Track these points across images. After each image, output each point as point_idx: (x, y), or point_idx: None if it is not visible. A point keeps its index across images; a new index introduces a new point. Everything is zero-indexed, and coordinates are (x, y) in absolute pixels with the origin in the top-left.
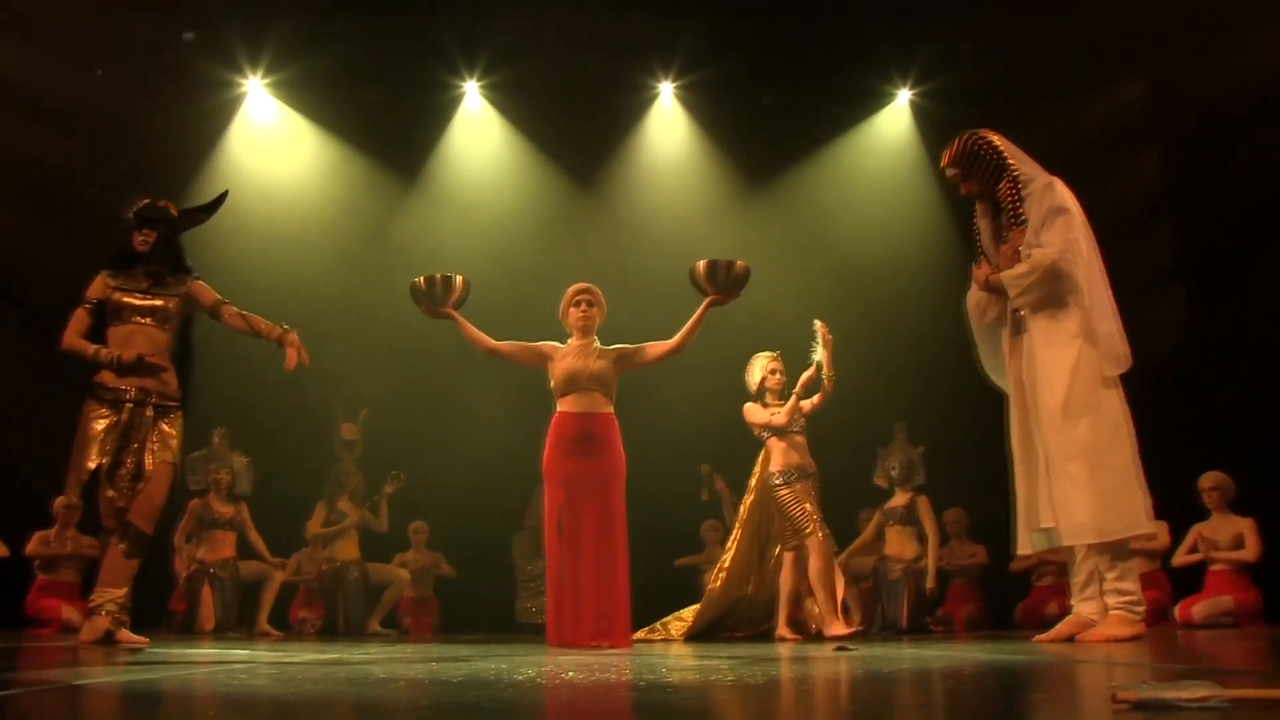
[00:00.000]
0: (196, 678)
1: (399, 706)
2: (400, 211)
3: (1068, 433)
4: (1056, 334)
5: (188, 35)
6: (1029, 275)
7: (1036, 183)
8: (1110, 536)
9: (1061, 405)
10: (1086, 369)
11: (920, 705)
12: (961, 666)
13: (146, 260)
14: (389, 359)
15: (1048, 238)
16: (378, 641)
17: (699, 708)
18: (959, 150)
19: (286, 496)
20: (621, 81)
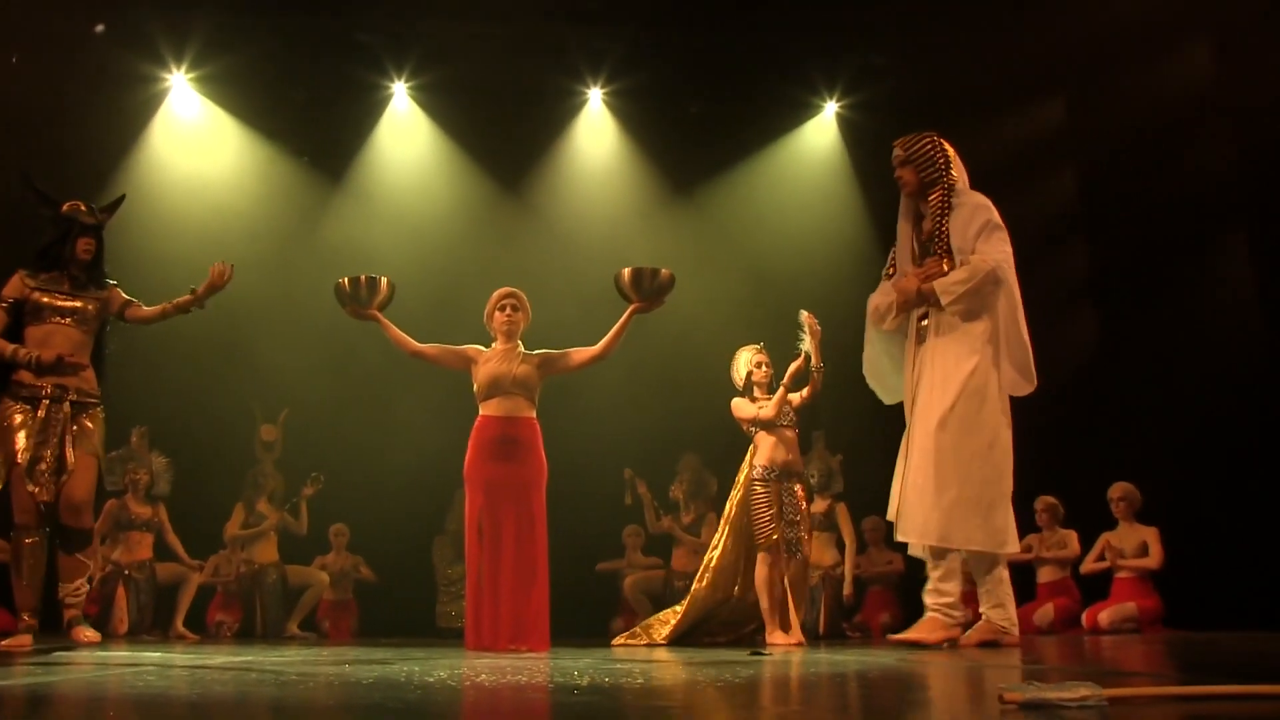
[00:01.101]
0: (107, 680)
1: (307, 706)
2: (326, 211)
3: (938, 437)
4: (961, 345)
5: (99, 27)
6: (967, 282)
7: (967, 198)
8: (948, 544)
9: (942, 410)
10: (980, 382)
11: (816, 706)
12: (868, 670)
13: (88, 267)
14: (310, 360)
15: (985, 248)
16: (295, 644)
17: (606, 709)
18: (916, 142)
19: (205, 497)
20: (551, 86)
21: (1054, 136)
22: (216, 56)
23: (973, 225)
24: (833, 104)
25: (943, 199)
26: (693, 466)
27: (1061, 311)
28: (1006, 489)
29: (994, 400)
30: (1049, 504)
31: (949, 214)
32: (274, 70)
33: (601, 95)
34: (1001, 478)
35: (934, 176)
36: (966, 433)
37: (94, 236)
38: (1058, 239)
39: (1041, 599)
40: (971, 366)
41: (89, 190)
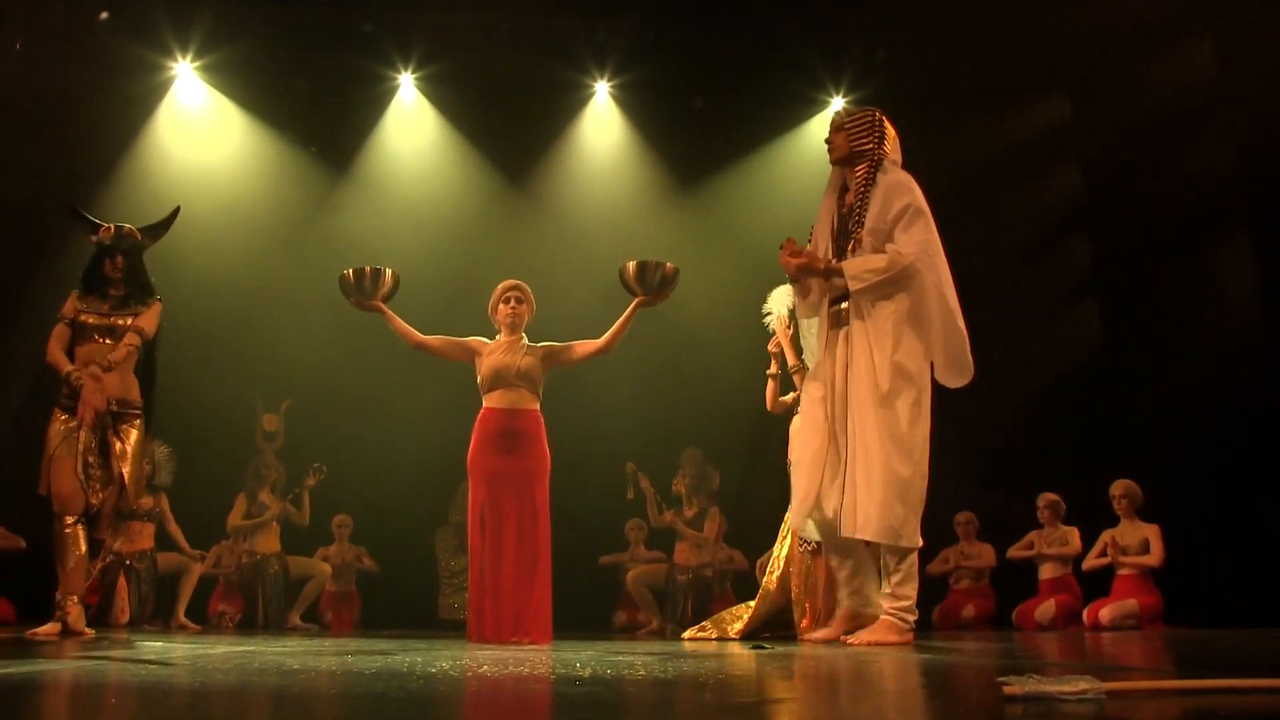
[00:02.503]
0: (108, 669)
1: (308, 695)
2: (331, 202)
3: (880, 431)
4: (887, 334)
5: (103, 15)
6: (883, 272)
7: (893, 174)
8: (902, 541)
9: (881, 404)
10: (911, 366)
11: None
12: (866, 664)
13: (117, 285)
14: (313, 350)
15: (905, 238)
16: (297, 635)
17: (607, 700)
18: (856, 112)
19: (207, 488)
20: (557, 79)
21: (1057, 132)
22: (222, 45)
23: (892, 206)
24: (838, 99)
25: (868, 172)
26: (695, 461)
27: (1063, 307)
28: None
29: (925, 383)
30: (1051, 501)
31: (872, 188)
32: (280, 60)
33: (608, 88)
34: (924, 466)
35: (865, 147)
36: (908, 420)
37: (124, 255)
38: (1059, 235)
39: (1043, 595)
40: (899, 348)
41: (94, 180)
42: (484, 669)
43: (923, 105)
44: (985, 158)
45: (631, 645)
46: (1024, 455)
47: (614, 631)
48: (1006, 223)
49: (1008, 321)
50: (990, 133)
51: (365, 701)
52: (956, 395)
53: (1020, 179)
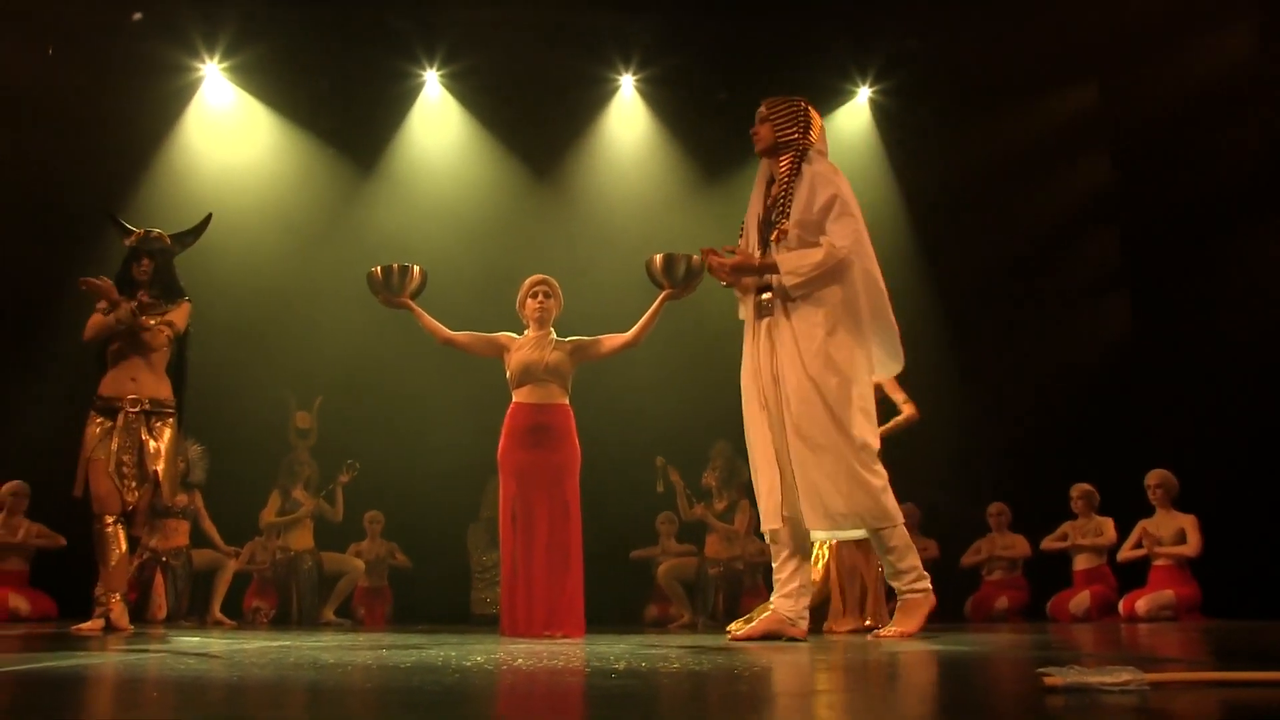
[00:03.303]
0: (147, 663)
1: (345, 689)
2: (359, 200)
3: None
4: (815, 325)
5: (136, 16)
6: (820, 266)
7: (818, 165)
8: (882, 523)
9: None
10: (846, 354)
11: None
12: (900, 656)
13: (145, 288)
14: (345, 347)
15: (836, 229)
16: (331, 631)
17: (642, 693)
18: (781, 102)
19: (241, 485)
20: (582, 73)
21: (1087, 120)
22: (249, 46)
23: (818, 198)
24: (865, 89)
25: (793, 162)
26: (725, 454)
27: (1095, 297)
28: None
29: (855, 374)
30: (1084, 491)
31: (796, 179)
32: (306, 59)
33: (633, 82)
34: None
35: (790, 137)
36: (841, 406)
37: (152, 259)
38: (1090, 224)
39: (1078, 586)
40: (828, 338)
41: (125, 182)
42: (519, 662)
43: (951, 95)
44: (1014, 147)
45: (665, 639)
46: (1057, 446)
47: (645, 625)
48: (1037, 212)
49: (1039, 312)
50: (1019, 122)
51: (401, 695)
52: (987, 386)
53: (1050, 168)
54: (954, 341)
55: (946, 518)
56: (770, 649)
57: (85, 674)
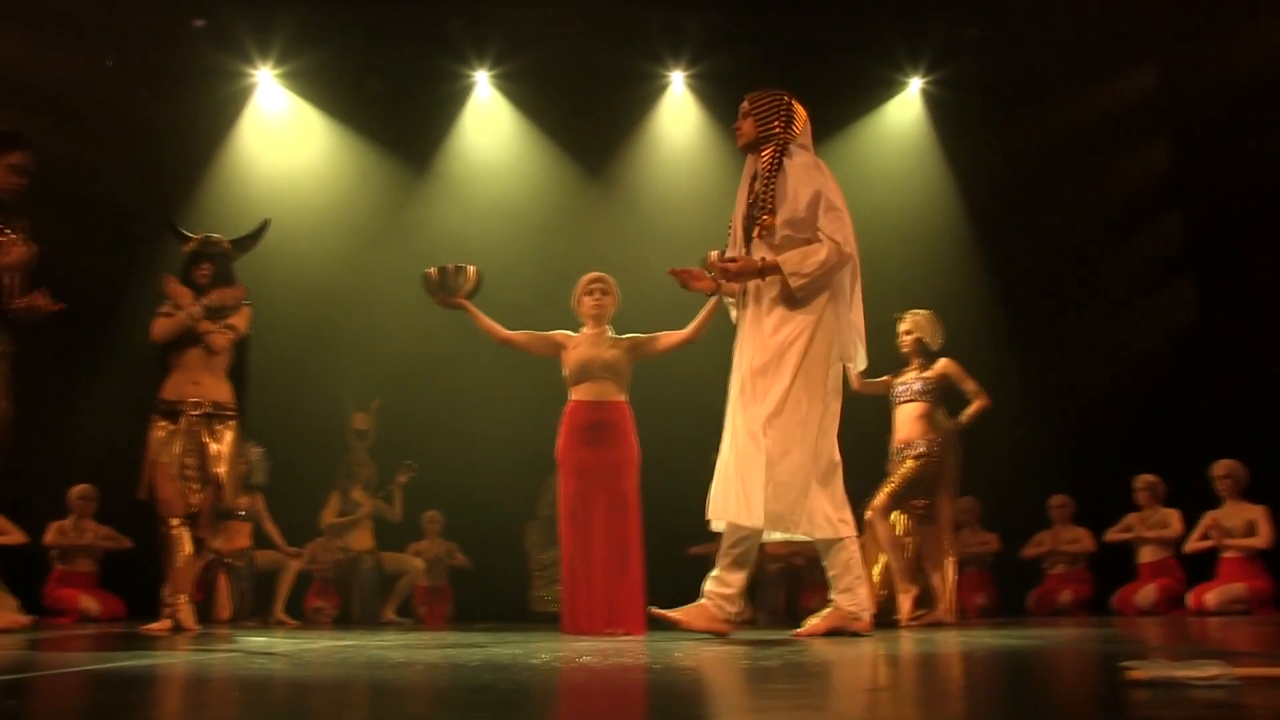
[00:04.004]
0: (223, 664)
1: (417, 688)
2: (412, 201)
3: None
4: (789, 319)
5: (198, 22)
6: (824, 264)
7: (800, 157)
8: (794, 529)
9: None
10: (816, 363)
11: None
12: (973, 650)
13: (205, 292)
14: (401, 348)
15: (831, 227)
16: (393, 630)
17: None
18: (763, 96)
19: (301, 487)
20: (632, 70)
21: (1147, 104)
22: (301, 51)
23: (803, 194)
24: (917, 80)
25: (774, 156)
26: None
27: (1157, 285)
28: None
29: (827, 376)
30: (1149, 482)
31: (778, 174)
32: (357, 63)
33: (683, 78)
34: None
35: (772, 131)
36: (807, 409)
37: (211, 263)
38: (1152, 211)
39: (1143, 579)
40: (803, 329)
41: (182, 188)
42: (585, 659)
43: (1005, 83)
44: (1071, 134)
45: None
46: (1120, 436)
47: None
48: (1096, 200)
49: (1100, 300)
50: (1076, 108)
51: (476, 693)
52: (1048, 377)
53: (1109, 154)
54: (1013, 333)
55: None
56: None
57: (163, 673)
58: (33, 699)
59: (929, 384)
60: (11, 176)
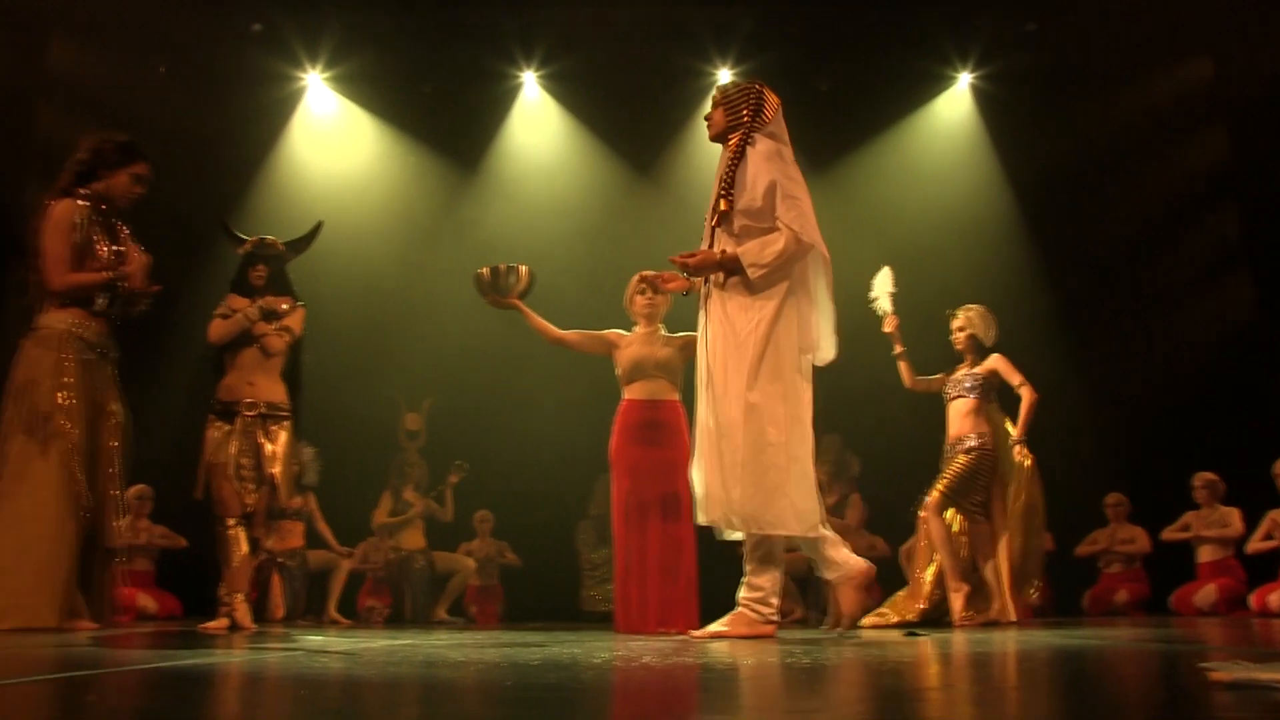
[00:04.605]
0: (283, 662)
1: (482, 687)
2: (461, 202)
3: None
4: (749, 309)
5: (256, 26)
6: (781, 255)
7: (762, 145)
8: (767, 529)
9: (744, 384)
10: (780, 352)
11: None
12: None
13: (261, 294)
14: (452, 349)
15: (794, 214)
16: (445, 629)
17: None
18: (735, 86)
19: (353, 487)
20: (679, 68)
21: (1201, 97)
22: (350, 55)
23: (761, 180)
24: (966, 75)
25: (739, 145)
26: (834, 447)
27: (1214, 278)
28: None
29: (794, 370)
30: (1208, 480)
31: (740, 162)
32: (405, 65)
33: (731, 75)
34: (808, 455)
35: (741, 120)
36: (777, 406)
37: (266, 265)
38: (1208, 203)
39: (1203, 579)
40: (763, 319)
41: (235, 192)
42: (645, 659)
43: (1055, 76)
44: (1124, 126)
45: (786, 634)
46: (1177, 433)
47: None
48: (1150, 192)
49: (1156, 294)
50: (1129, 100)
51: (544, 692)
52: (1103, 373)
53: (1163, 146)
54: (1067, 328)
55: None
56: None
57: (230, 671)
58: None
59: (979, 380)
60: (135, 187)
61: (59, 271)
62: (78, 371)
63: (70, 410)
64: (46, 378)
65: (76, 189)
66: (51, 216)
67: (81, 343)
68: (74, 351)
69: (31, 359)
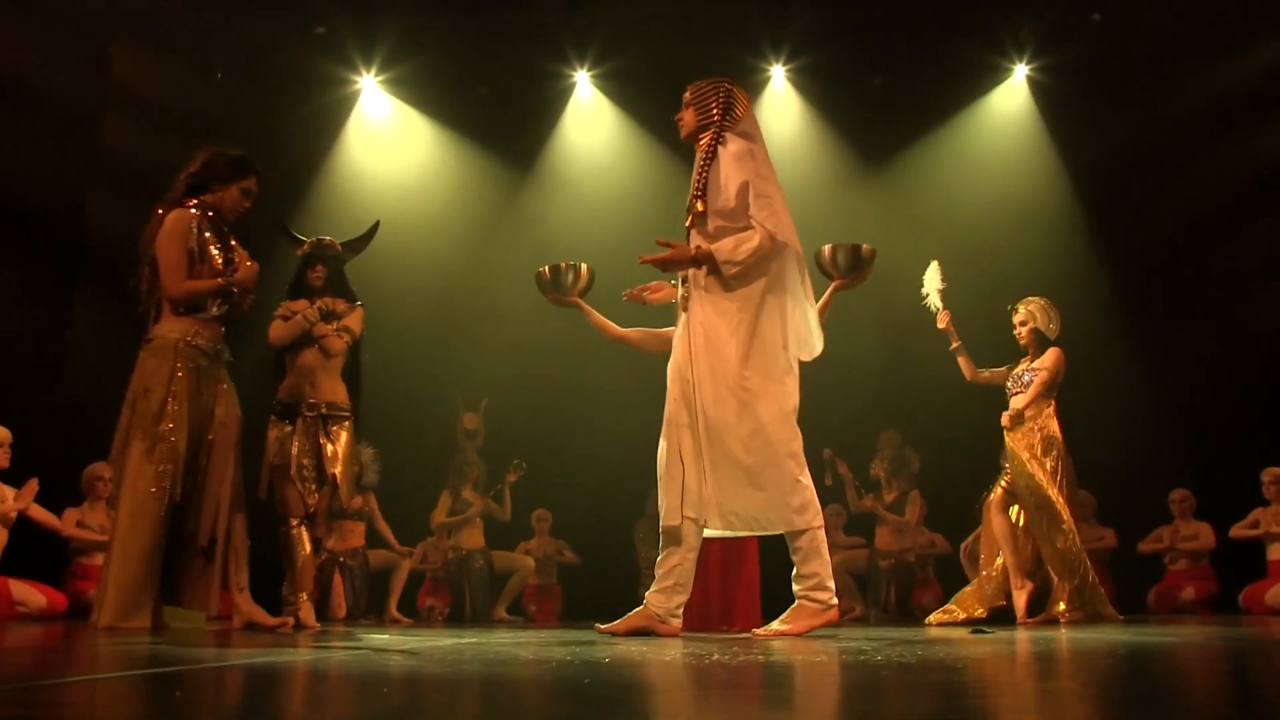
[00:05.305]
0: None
1: (561, 685)
2: (519, 201)
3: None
4: (729, 313)
5: (319, 29)
6: (755, 253)
7: (734, 145)
8: (772, 529)
9: (733, 383)
10: (767, 350)
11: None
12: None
13: (320, 294)
14: (510, 348)
15: (766, 213)
16: (505, 627)
17: (868, 684)
18: (703, 85)
19: (412, 487)
20: (733, 66)
21: (1267, 85)
22: (404, 58)
23: (734, 181)
24: (1022, 66)
25: (710, 143)
26: (893, 443)
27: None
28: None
29: (780, 367)
30: (1277, 475)
31: (712, 162)
32: (458, 67)
33: (784, 72)
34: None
35: (710, 119)
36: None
37: (325, 265)
38: (1274, 189)
39: (1273, 577)
40: (741, 318)
41: (293, 195)
42: (715, 656)
43: (1113, 67)
44: (1187, 116)
45: (850, 632)
46: (1244, 427)
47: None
48: (1214, 179)
49: (1222, 286)
50: (1191, 90)
51: (623, 690)
52: (1169, 364)
53: (1228, 135)
54: (1130, 321)
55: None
56: (983, 640)
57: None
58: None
59: (1037, 375)
60: (244, 201)
61: (176, 279)
62: (188, 380)
63: (177, 418)
64: (159, 386)
65: (188, 199)
66: (165, 226)
67: (194, 350)
68: (186, 360)
69: (147, 368)
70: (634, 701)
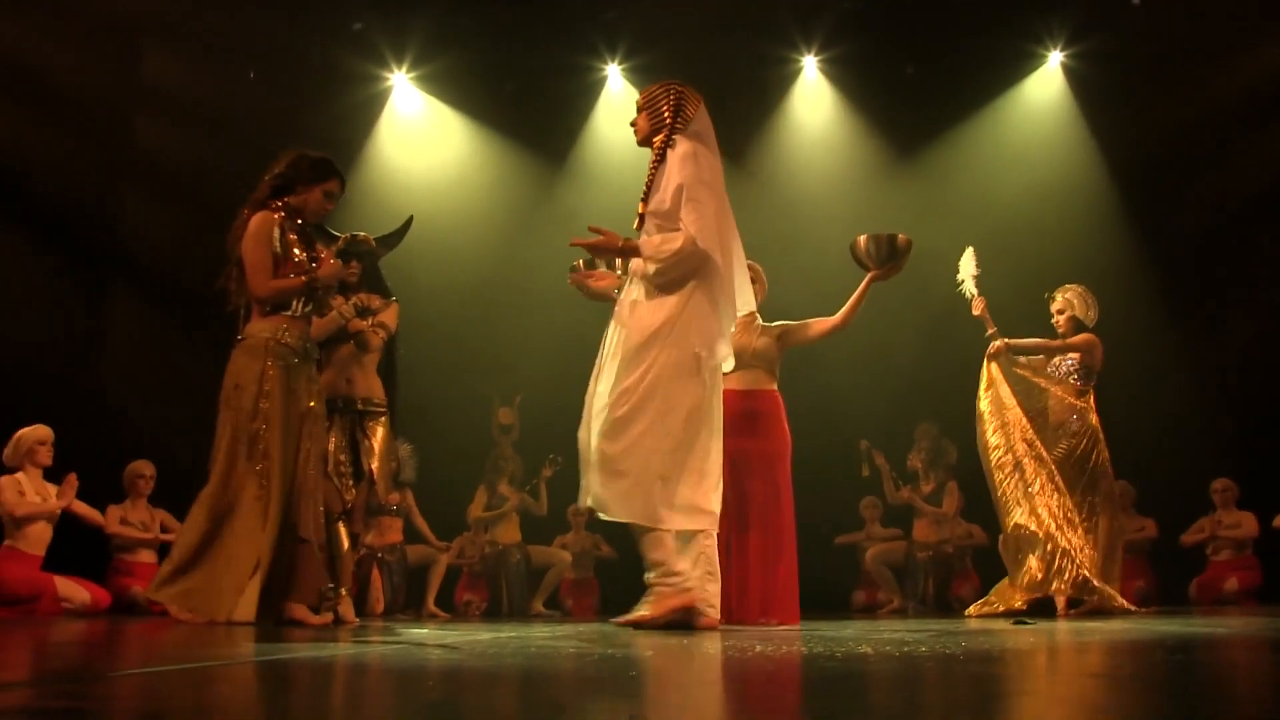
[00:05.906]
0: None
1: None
2: (551, 195)
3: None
4: (655, 306)
5: (356, 25)
6: (678, 254)
7: (681, 147)
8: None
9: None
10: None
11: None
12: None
13: (355, 289)
14: (543, 343)
15: (689, 218)
16: (543, 621)
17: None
18: (654, 89)
19: (448, 482)
20: (764, 57)
21: None
22: (435, 54)
23: (672, 183)
24: (1057, 53)
25: (660, 147)
26: (930, 435)
27: None
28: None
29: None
30: None
31: (661, 165)
32: (489, 63)
33: (816, 62)
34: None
35: (661, 122)
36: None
37: (359, 261)
38: None
39: None
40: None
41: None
42: (758, 648)
43: (1149, 52)
44: (1224, 104)
45: (890, 624)
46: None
47: (854, 611)
48: (1255, 167)
49: (1262, 273)
50: (1227, 77)
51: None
52: (1209, 352)
53: (1265, 125)
54: (1169, 308)
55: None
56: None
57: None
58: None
59: (1076, 363)
60: (327, 203)
61: (261, 279)
62: (279, 378)
63: (269, 416)
64: (251, 384)
65: (272, 201)
66: (250, 228)
67: (283, 348)
68: (276, 358)
69: (239, 366)
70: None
